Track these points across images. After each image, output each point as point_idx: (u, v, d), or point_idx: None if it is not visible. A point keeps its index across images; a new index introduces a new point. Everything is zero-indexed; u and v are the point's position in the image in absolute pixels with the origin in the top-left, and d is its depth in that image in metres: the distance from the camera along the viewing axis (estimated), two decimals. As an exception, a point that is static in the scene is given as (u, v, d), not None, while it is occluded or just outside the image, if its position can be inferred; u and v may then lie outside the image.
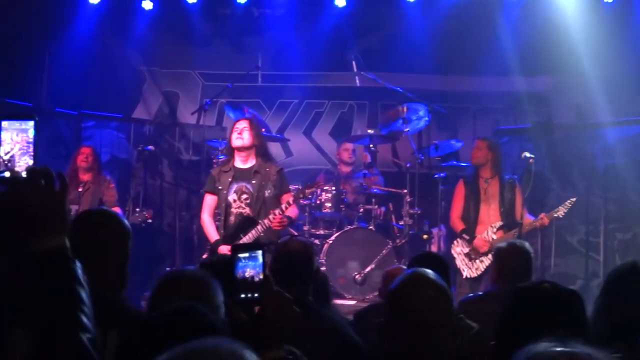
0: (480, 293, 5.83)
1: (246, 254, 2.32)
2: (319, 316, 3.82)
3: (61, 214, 1.94)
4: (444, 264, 5.03)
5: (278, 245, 4.49)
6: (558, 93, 11.00)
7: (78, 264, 1.92)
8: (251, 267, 2.31)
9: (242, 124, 7.70)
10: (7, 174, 1.98)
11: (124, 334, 2.61)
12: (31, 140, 2.04)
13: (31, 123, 2.05)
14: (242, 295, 2.31)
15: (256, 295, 2.31)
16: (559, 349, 1.61)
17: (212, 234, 7.65)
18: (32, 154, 2.04)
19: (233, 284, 2.32)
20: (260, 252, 2.34)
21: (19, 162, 2.02)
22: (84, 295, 1.88)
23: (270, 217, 7.31)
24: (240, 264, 2.31)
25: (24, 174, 1.97)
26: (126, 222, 3.20)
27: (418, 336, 2.73)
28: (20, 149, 2.04)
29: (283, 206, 7.44)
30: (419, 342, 2.73)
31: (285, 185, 7.78)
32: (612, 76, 10.07)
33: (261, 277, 2.32)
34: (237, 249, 2.34)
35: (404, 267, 5.88)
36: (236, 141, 7.63)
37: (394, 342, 2.78)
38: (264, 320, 2.29)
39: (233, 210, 7.62)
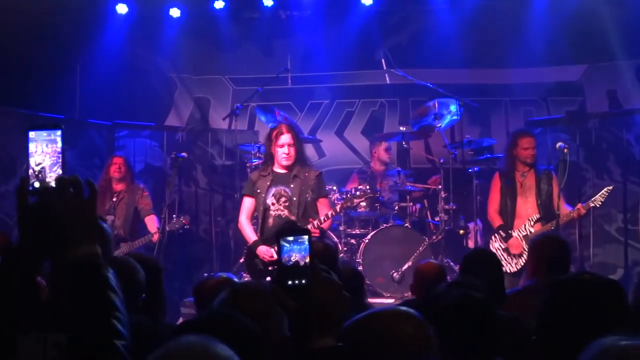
0: (519, 287, 5.76)
1: (291, 238, 2.26)
2: None
3: (91, 222, 1.94)
4: (497, 261, 5.01)
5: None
6: (590, 81, 10.87)
7: (111, 271, 1.92)
8: (296, 251, 2.25)
9: (286, 139, 7.61)
10: (36, 185, 1.99)
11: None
12: (59, 149, 2.04)
13: (59, 132, 2.05)
14: (289, 282, 2.25)
15: (303, 281, 2.24)
16: (628, 342, 1.59)
17: (250, 236, 7.67)
18: (61, 163, 2.04)
19: (279, 270, 2.27)
20: (306, 237, 2.27)
21: (50, 172, 2.03)
22: (117, 302, 1.88)
23: (310, 226, 7.30)
24: (285, 248, 2.26)
25: (53, 184, 1.98)
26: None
27: None
28: (50, 159, 2.04)
29: (322, 218, 7.48)
30: None
31: (322, 190, 7.79)
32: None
33: (307, 261, 2.26)
34: (281, 233, 2.28)
35: (435, 261, 5.85)
36: (285, 161, 7.62)
37: None
38: (312, 308, 2.23)
39: (271, 212, 7.64)
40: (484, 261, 4.86)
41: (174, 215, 9.11)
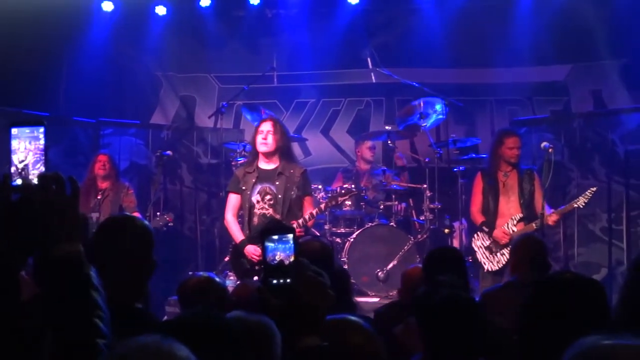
0: (501, 284, 5.81)
1: (275, 237, 2.27)
2: None
3: (74, 219, 1.93)
4: (459, 257, 5.03)
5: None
6: (575, 81, 10.91)
7: (93, 269, 1.91)
8: (281, 250, 2.26)
9: (266, 127, 7.61)
10: (19, 182, 1.98)
11: None
12: (42, 147, 2.03)
13: (42, 129, 2.04)
14: (274, 281, 2.25)
15: (288, 280, 2.24)
16: (609, 342, 1.60)
17: (237, 235, 7.60)
18: (44, 160, 2.03)
19: (265, 269, 2.27)
20: (291, 236, 2.27)
21: (32, 170, 2.02)
22: (99, 300, 1.88)
23: (296, 225, 7.28)
24: (269, 247, 2.26)
25: (35, 181, 1.97)
26: (149, 227, 3.11)
27: None
28: (34, 156, 2.03)
29: (307, 216, 7.45)
30: None
31: (308, 187, 7.76)
32: (629, 61, 10.03)
33: (292, 259, 2.26)
34: (266, 232, 2.28)
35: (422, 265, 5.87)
36: (261, 146, 7.58)
37: None
38: (297, 307, 2.23)
39: (256, 211, 7.59)
40: (447, 257, 4.87)
41: (158, 213, 9.09)
